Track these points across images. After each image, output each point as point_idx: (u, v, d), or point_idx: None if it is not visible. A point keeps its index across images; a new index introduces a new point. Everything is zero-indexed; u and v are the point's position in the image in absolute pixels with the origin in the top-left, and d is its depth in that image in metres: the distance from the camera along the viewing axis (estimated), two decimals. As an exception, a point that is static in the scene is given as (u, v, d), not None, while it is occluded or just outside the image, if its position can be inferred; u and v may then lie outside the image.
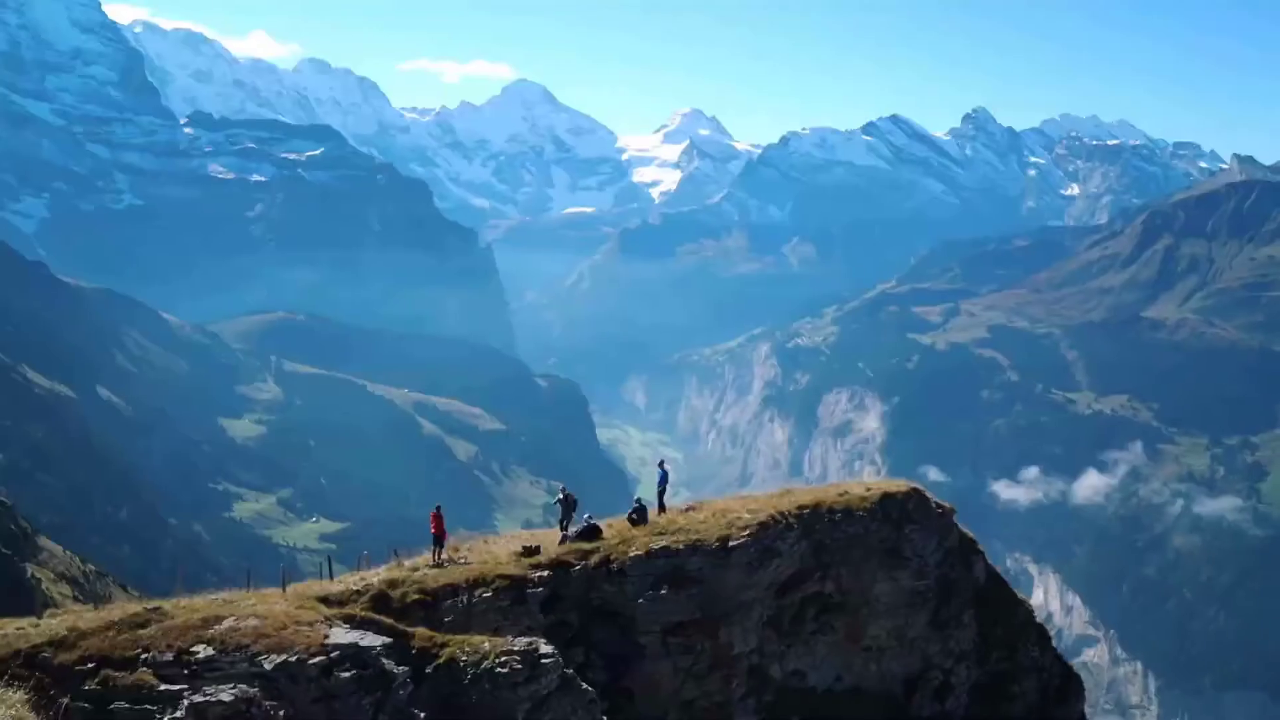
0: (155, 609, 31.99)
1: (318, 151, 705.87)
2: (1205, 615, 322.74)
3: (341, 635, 30.55)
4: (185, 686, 28.11)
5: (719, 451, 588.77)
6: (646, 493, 48.66)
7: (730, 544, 41.18)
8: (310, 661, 28.97)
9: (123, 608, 33.40)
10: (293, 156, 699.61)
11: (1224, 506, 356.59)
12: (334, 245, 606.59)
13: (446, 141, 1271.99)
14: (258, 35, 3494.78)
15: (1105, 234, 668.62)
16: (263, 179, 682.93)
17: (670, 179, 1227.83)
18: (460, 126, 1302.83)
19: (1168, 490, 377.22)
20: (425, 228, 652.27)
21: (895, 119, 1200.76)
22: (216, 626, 30.26)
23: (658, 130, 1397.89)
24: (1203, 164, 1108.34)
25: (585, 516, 43.47)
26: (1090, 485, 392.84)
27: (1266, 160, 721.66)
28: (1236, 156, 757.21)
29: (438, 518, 41.05)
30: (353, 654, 29.73)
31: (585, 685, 33.09)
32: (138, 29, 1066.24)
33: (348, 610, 33.96)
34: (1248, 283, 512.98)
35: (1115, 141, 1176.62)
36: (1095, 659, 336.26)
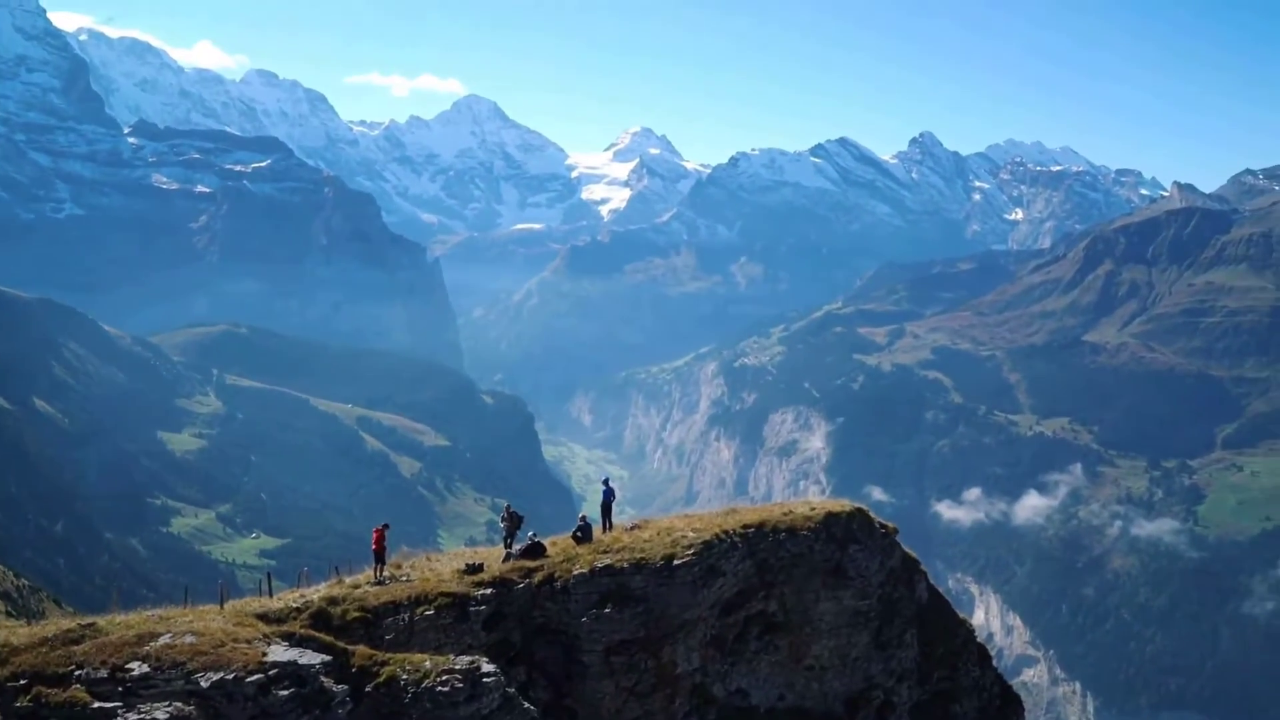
0: (89, 625, 31.36)
1: (264, 163, 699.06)
2: (1143, 636, 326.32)
3: (280, 653, 30.08)
4: (120, 704, 27.56)
5: (665, 470, 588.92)
6: (592, 511, 48.47)
7: (675, 563, 41.06)
8: (248, 679, 28.49)
9: (56, 623, 32.72)
10: (238, 168, 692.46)
11: (1161, 529, 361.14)
12: (279, 258, 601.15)
13: (395, 155, 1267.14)
14: (204, 45, 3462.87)
15: (1048, 259, 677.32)
16: (207, 190, 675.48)
17: (619, 197, 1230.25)
18: (409, 140, 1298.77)
19: (1107, 512, 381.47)
20: (372, 242, 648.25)
21: (843, 141, 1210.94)
22: (152, 643, 29.70)
23: (608, 148, 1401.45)
24: (1144, 191, 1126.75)
25: (529, 534, 43.22)
26: (1031, 506, 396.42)
27: (1206, 188, 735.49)
28: (1177, 184, 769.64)
29: (380, 535, 40.64)
30: (291, 672, 29.27)
31: (527, 704, 32.82)
32: (83, 37, 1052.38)
33: (287, 628, 33.47)
34: (1187, 308, 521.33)
35: (1059, 168, 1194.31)
36: (1035, 679, 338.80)
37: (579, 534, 43.50)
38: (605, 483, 48.82)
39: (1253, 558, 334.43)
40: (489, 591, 38.87)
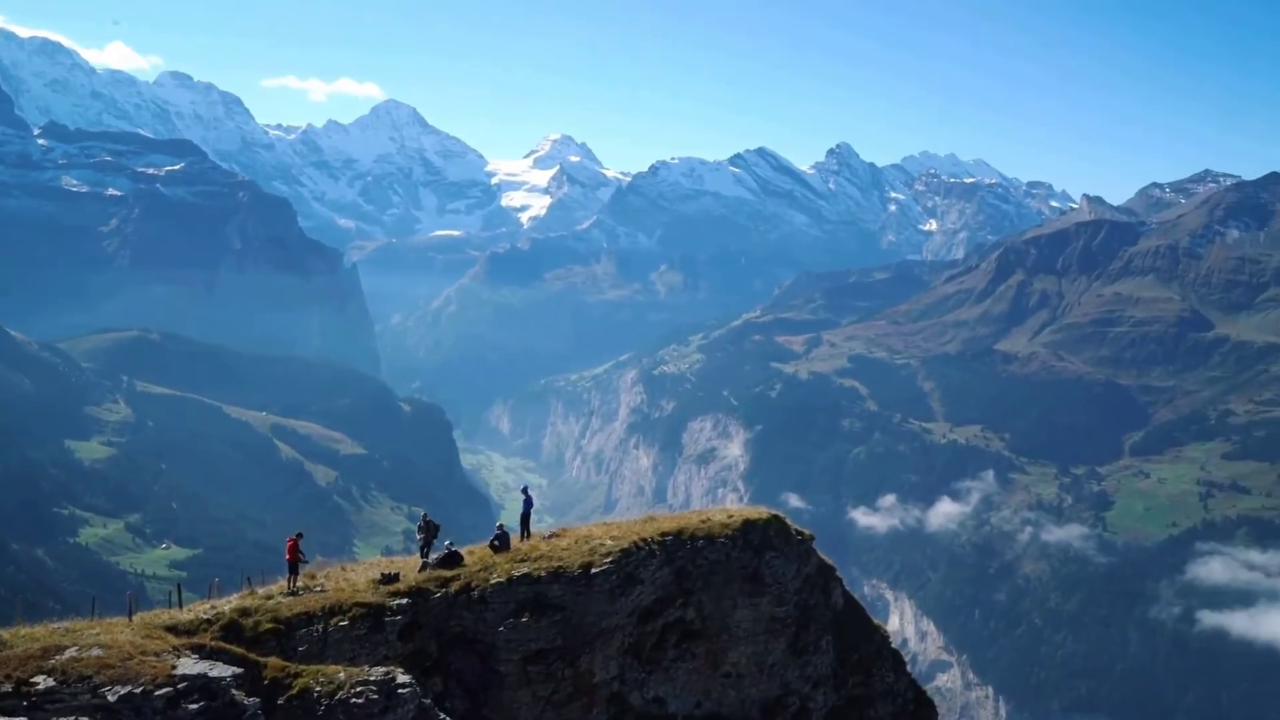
0: (-8, 638, 30.65)
1: (177, 166, 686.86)
2: (1053, 640, 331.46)
3: (190, 665, 29.57)
4: (24, 719, 26.96)
5: (584, 478, 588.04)
6: (511, 519, 48.27)
7: (592, 571, 41.08)
8: (156, 693, 27.97)
9: (-43, 637, 31.89)
10: (151, 171, 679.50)
11: (1071, 534, 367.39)
12: (192, 263, 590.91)
13: (312, 160, 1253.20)
14: (117, 46, 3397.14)
15: (961, 269, 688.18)
16: (119, 193, 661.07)
17: (539, 204, 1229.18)
18: (326, 145, 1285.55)
19: (1018, 518, 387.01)
20: (288, 247, 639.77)
21: (762, 152, 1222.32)
22: (58, 656, 29.04)
23: (528, 155, 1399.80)
24: (1054, 203, 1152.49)
25: (446, 543, 42.97)
26: (944, 513, 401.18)
27: (1115, 200, 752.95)
28: (1086, 196, 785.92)
29: (294, 544, 40.15)
30: (201, 685, 28.79)
31: (443, 715, 32.64)
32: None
33: (197, 640, 32.95)
34: (1095, 318, 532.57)
35: (972, 180, 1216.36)
36: (948, 684, 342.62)
37: (496, 543, 43.34)
38: (524, 491, 48.67)
39: (1159, 563, 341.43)
40: (405, 601, 38.56)
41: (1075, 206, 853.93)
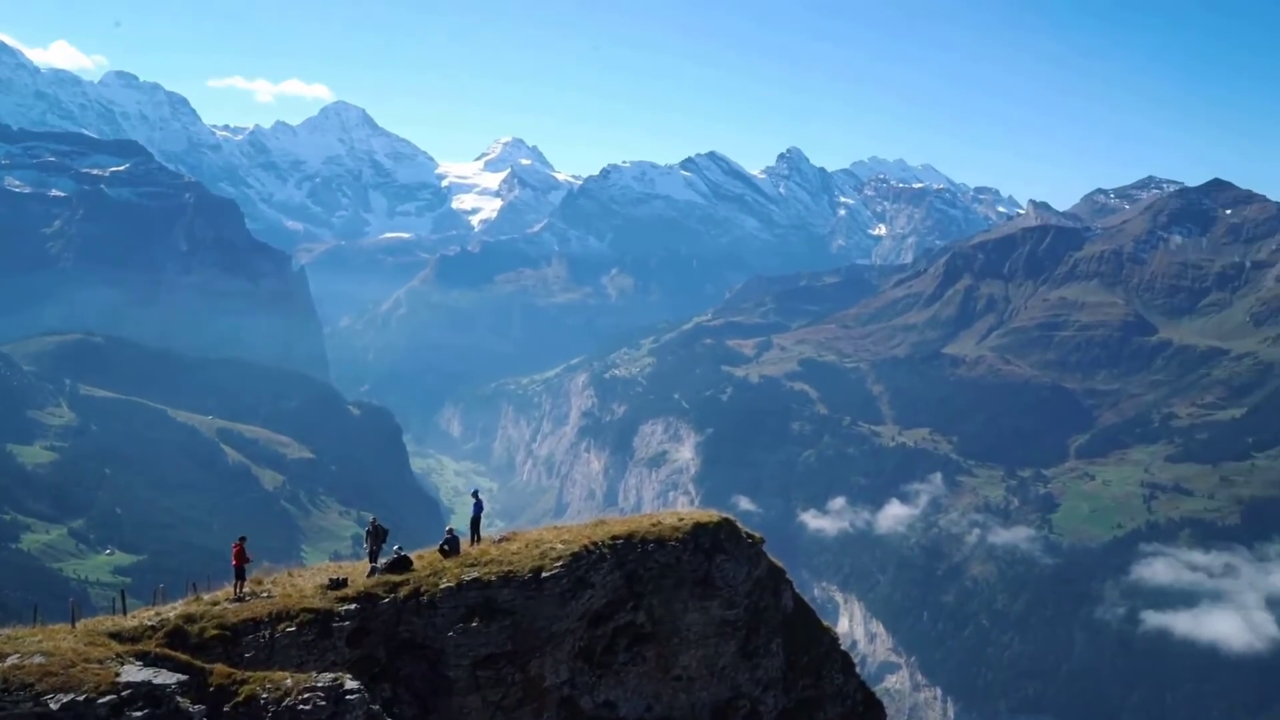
0: (-69, 646, 30.12)
1: (122, 167, 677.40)
2: (1000, 642, 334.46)
3: (134, 673, 29.23)
4: (-37, 728, 26.56)
5: (535, 482, 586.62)
6: (461, 523, 48.05)
7: (543, 575, 41.01)
8: (100, 701, 27.62)
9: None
10: (95, 172, 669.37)
11: (1017, 536, 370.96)
12: (137, 265, 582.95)
13: (260, 161, 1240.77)
14: (61, 45, 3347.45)
15: (910, 273, 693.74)
16: (62, 194, 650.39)
17: (490, 207, 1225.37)
18: (274, 146, 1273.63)
19: (965, 520, 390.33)
20: (235, 249, 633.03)
21: (713, 156, 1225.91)
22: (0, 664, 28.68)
23: (479, 158, 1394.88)
24: (1001, 208, 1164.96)
25: (395, 548, 42.70)
26: (893, 515, 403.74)
27: (1060, 206, 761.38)
28: (1032, 202, 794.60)
29: (240, 549, 39.74)
30: (145, 692, 28.46)
31: (392, 720, 32.45)
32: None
33: (141, 647, 32.56)
34: (1041, 322, 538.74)
35: (920, 185, 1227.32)
36: (897, 685, 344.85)
37: (446, 547, 43.12)
38: (474, 495, 48.55)
39: (1104, 564, 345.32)
40: (353, 607, 38.28)
41: (1022, 212, 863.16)
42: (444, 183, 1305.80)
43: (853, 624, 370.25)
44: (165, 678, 29.33)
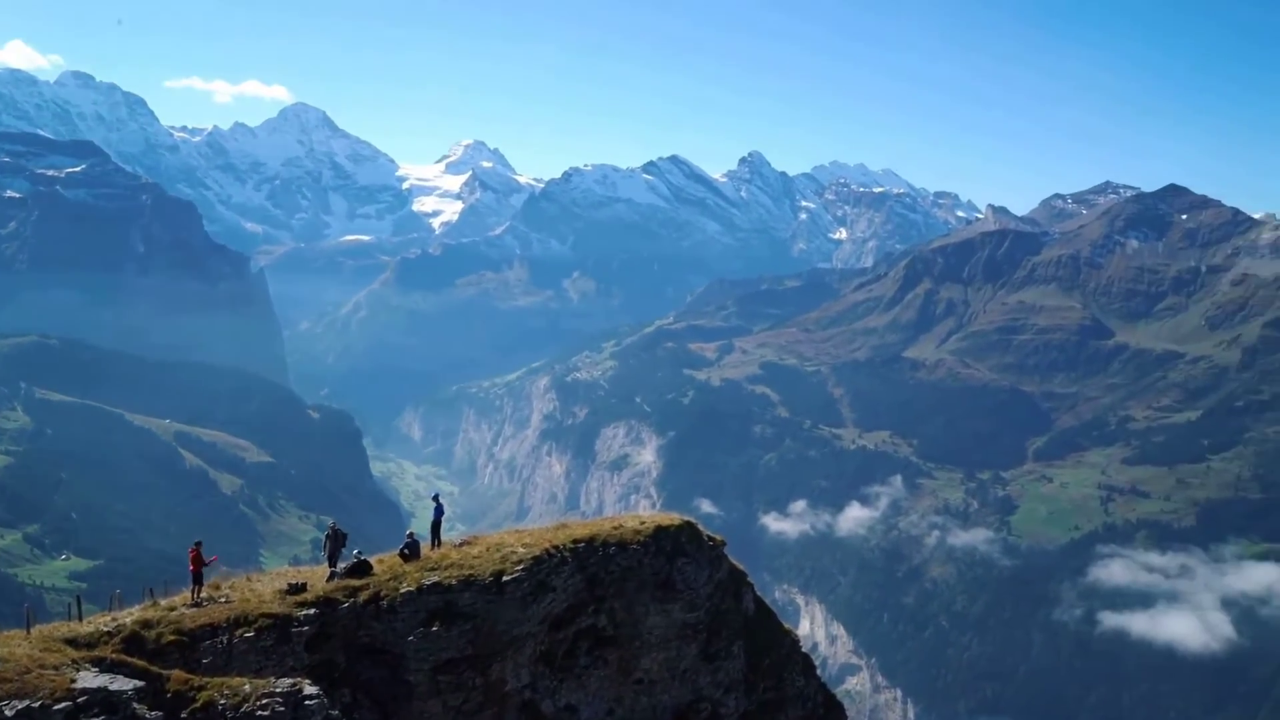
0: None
1: (79, 168, 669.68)
2: (960, 643, 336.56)
3: (90, 679, 28.89)
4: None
5: (496, 485, 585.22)
6: (421, 527, 47.81)
7: (504, 579, 40.83)
8: (55, 707, 27.28)
9: None
10: (51, 172, 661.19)
11: (976, 538, 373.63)
12: (94, 267, 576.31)
13: (218, 163, 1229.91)
14: (16, 45, 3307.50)
15: (870, 277, 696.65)
16: (17, 195, 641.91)
17: (451, 210, 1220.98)
18: (233, 148, 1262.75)
19: (925, 523, 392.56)
20: (193, 251, 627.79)
21: (675, 159, 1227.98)
22: (-50, 672, 28.23)
23: (440, 160, 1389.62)
24: (960, 213, 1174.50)
25: (355, 552, 42.41)
26: (854, 518, 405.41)
27: (1018, 211, 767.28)
28: (991, 206, 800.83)
29: (196, 554, 39.35)
30: (102, 699, 28.13)
31: (352, 726, 32.21)
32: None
33: (98, 653, 32.20)
34: (1000, 326, 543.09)
35: (881, 189, 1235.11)
36: (857, 687, 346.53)
37: (406, 551, 42.87)
38: (435, 499, 48.34)
39: (1062, 566, 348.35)
40: (312, 612, 37.98)
41: (981, 216, 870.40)
42: (405, 185, 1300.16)
43: (814, 626, 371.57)
44: (122, 684, 29.03)
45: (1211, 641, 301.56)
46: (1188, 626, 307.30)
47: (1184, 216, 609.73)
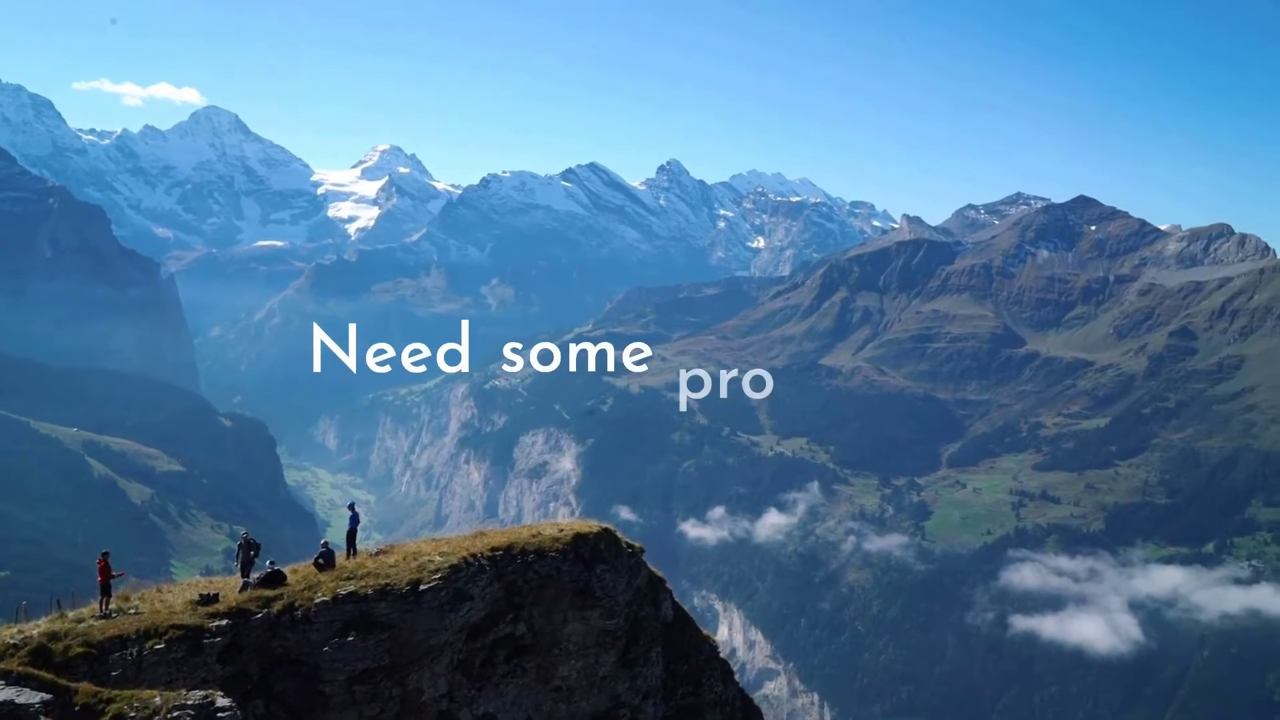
0: None
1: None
2: (875, 646, 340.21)
3: (-7, 693, 28.10)
4: None
5: (413, 493, 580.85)
6: (337, 536, 47.21)
7: (421, 588, 40.41)
8: (-45, 724, 26.45)
9: None
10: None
11: (892, 543, 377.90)
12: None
13: (128, 166, 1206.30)
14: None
15: (787, 285, 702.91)
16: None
17: (368, 215, 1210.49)
18: (143, 151, 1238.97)
19: (842, 528, 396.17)
20: (101, 256, 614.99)
21: (593, 167, 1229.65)
22: None
23: (355, 166, 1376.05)
24: (876, 223, 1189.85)
25: (269, 562, 41.74)
26: (772, 524, 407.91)
27: (933, 221, 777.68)
28: (906, 216, 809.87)
29: (104, 565, 38.39)
30: (8, 712, 27.42)
31: (266, 738, 31.63)
32: None
33: (3, 665, 31.33)
34: (914, 334, 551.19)
35: (798, 198, 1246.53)
36: (776, 691, 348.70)
37: (321, 561, 42.25)
38: (351, 507, 47.87)
39: (975, 570, 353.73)
40: (225, 623, 37.25)
41: (896, 226, 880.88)
42: (320, 190, 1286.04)
43: (732, 632, 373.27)
44: (28, 697, 28.36)
45: (1119, 644, 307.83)
46: (1096, 629, 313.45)
47: (1093, 227, 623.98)
